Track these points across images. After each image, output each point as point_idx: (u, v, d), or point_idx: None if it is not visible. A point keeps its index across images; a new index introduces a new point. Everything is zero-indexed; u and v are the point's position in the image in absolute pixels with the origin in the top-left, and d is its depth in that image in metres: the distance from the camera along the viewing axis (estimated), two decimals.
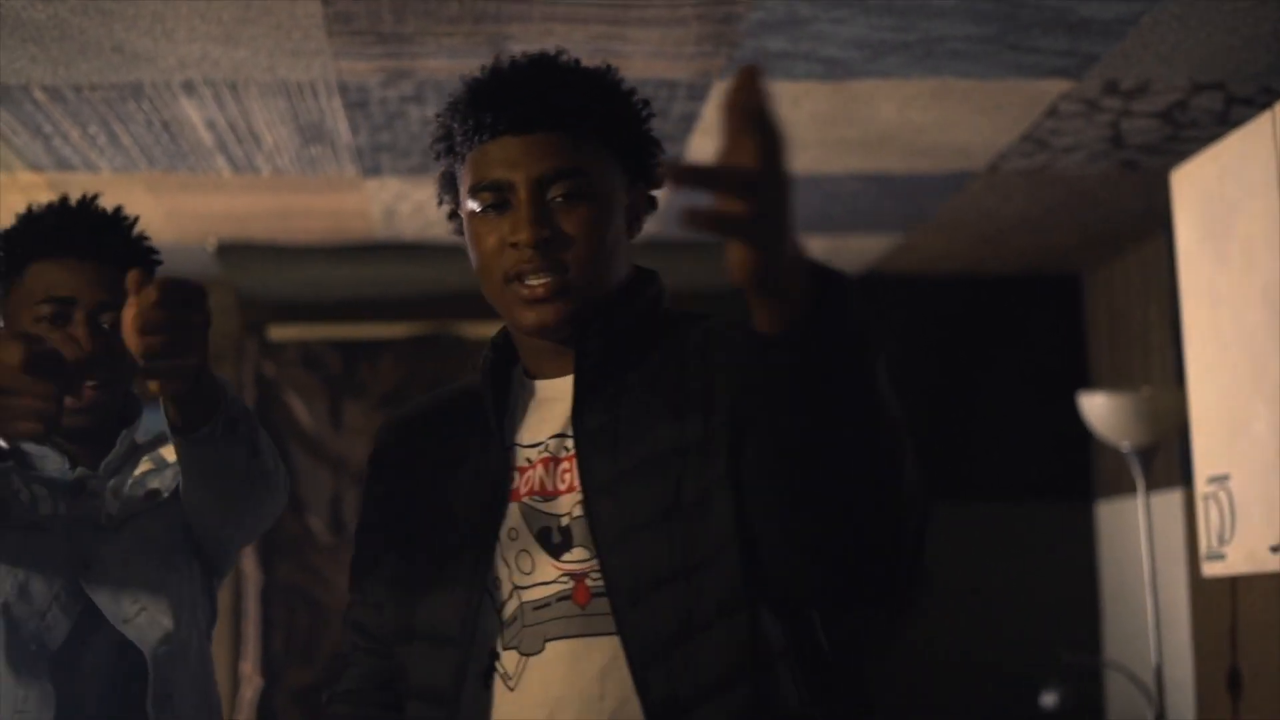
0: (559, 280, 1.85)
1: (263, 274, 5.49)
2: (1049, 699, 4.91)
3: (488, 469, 1.91)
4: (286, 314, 5.77)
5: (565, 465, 1.89)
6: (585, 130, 1.87)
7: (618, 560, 1.79)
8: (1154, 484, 5.02)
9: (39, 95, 3.73)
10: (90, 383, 2.38)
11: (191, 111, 3.89)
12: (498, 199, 1.86)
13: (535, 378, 1.96)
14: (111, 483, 2.43)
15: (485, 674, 1.87)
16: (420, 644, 1.92)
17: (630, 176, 1.94)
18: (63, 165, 4.32)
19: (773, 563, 1.72)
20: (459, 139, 1.90)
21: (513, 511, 1.88)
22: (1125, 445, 4.81)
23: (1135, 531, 5.17)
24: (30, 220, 2.47)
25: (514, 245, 1.85)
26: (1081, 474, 5.87)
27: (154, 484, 2.47)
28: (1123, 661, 5.35)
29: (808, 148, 4.26)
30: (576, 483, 1.86)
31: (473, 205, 1.89)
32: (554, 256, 1.85)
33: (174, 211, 4.80)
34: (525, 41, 3.46)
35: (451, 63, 3.55)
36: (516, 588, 1.87)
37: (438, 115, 1.97)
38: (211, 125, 4.00)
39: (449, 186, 1.97)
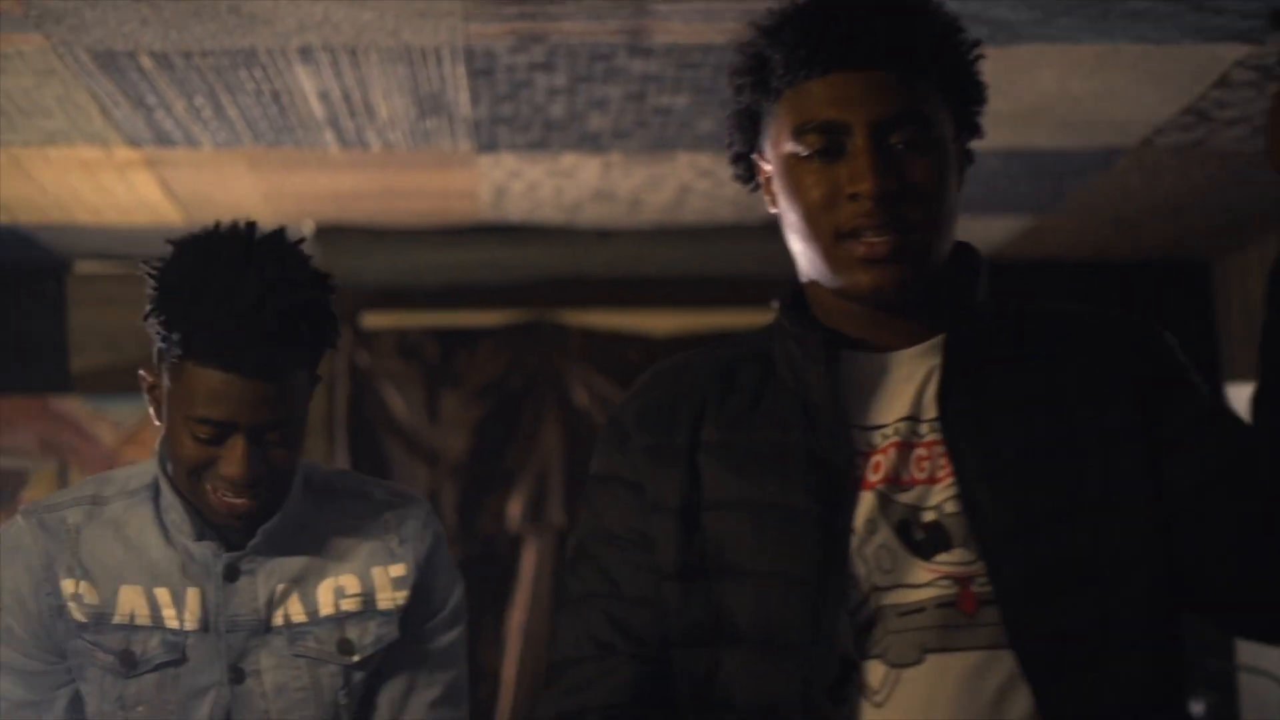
0: (901, 239, 1.67)
1: (360, 258, 5.28)
2: (1197, 708, 4.65)
3: (823, 451, 1.70)
4: (382, 301, 5.56)
5: (921, 452, 1.70)
6: (924, 69, 1.69)
7: (1010, 564, 1.63)
8: None
9: (145, 62, 3.50)
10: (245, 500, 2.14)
11: (305, 81, 3.65)
12: (830, 143, 1.68)
13: (856, 349, 1.75)
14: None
15: (837, 687, 1.65)
16: (741, 649, 1.69)
17: (957, 125, 1.74)
18: (163, 140, 4.09)
19: (1225, 591, 1.66)
20: (779, 72, 1.70)
21: (866, 501, 1.69)
22: None
23: None
24: (194, 309, 2.05)
25: (853, 197, 1.67)
26: None
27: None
28: (1257, 664, 5.09)
29: None
30: (941, 474, 1.68)
31: (796, 149, 1.70)
32: (898, 212, 1.67)
33: (273, 190, 4.58)
34: (673, 2, 3.23)
35: (590, 25, 3.31)
36: (876, 588, 1.67)
37: (745, 44, 1.76)
38: (324, 96, 3.76)
39: (746, 126, 1.78)
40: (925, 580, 1.67)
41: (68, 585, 2.16)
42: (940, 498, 1.68)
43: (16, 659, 2.17)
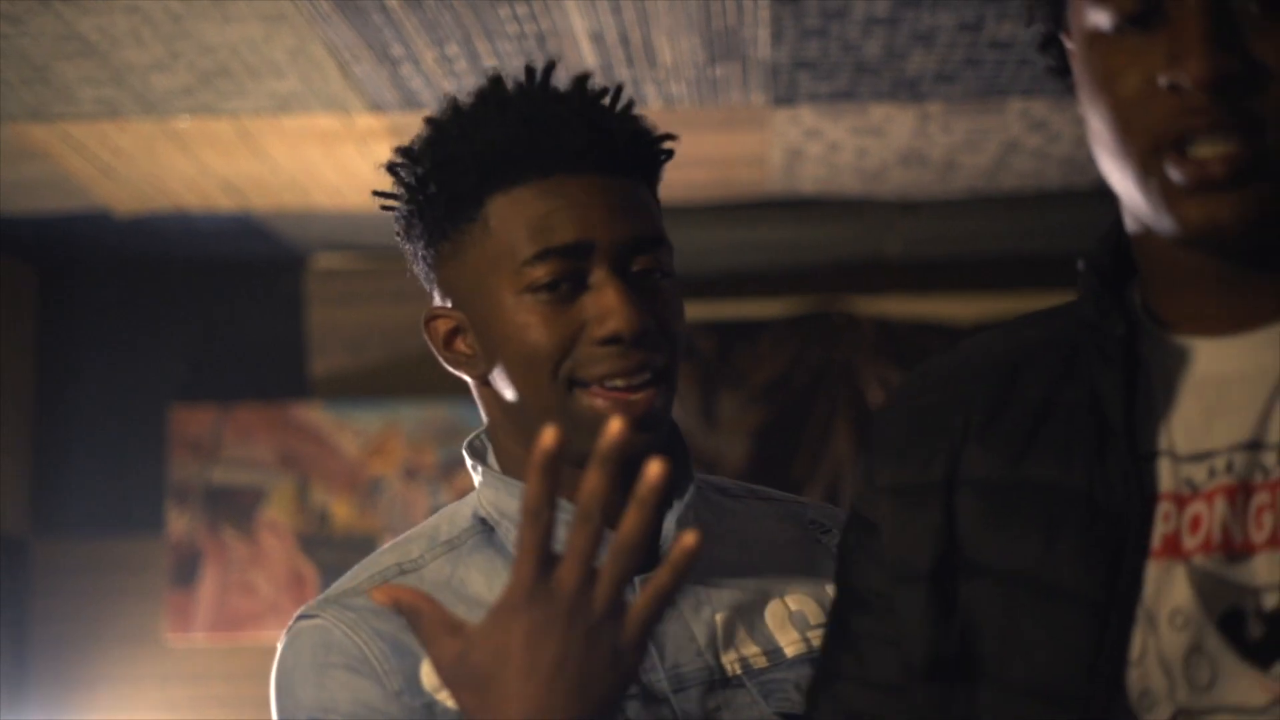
0: (1248, 149, 1.17)
1: None
2: None
3: (1106, 495, 1.23)
4: None
5: (1266, 499, 1.20)
6: None
7: None
8: None
9: (391, 2, 2.98)
10: (644, 377, 1.56)
11: (576, 19, 3.12)
12: (1147, 4, 1.18)
13: (1186, 333, 1.26)
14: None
15: None
16: None
17: None
18: (410, 102, 3.60)
19: None
20: None
21: (1169, 577, 1.21)
22: None
23: None
24: (478, 121, 1.57)
25: (1174, 87, 1.17)
26: None
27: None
28: None
29: None
30: None
31: (1098, 19, 1.21)
32: (1244, 106, 1.16)
33: None
34: None
35: None
36: (1182, 711, 1.19)
37: None
38: (598, 38, 3.23)
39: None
40: (1264, 703, 1.19)
41: (430, 674, 1.54)
42: None
43: None
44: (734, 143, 4.03)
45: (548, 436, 1.23)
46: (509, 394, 1.58)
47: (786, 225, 4.80)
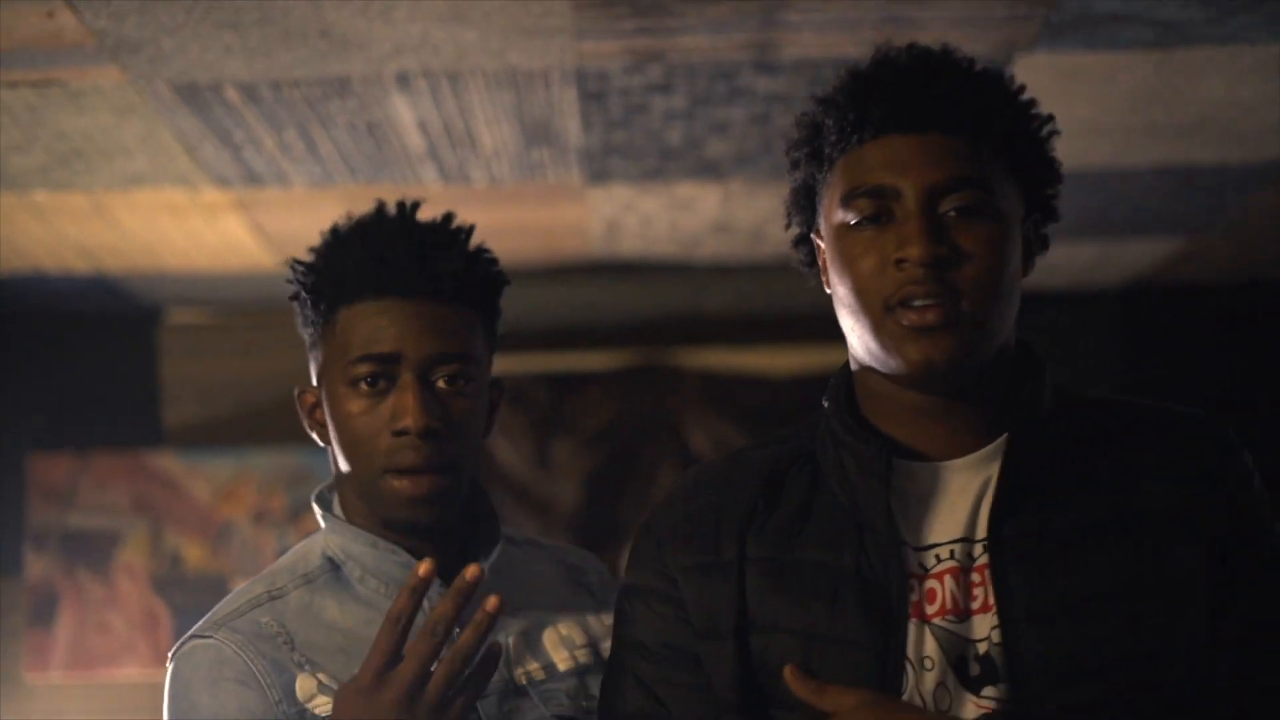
0: (952, 308, 1.59)
1: None
2: None
3: (876, 575, 1.63)
4: None
5: (976, 578, 1.63)
6: (986, 137, 1.64)
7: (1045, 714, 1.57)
8: None
9: (231, 95, 3.25)
10: (430, 465, 1.89)
11: (403, 110, 3.39)
12: (879, 208, 1.62)
13: (910, 457, 1.67)
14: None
15: None
16: None
17: (1027, 203, 1.69)
18: (252, 179, 3.85)
19: None
20: (832, 138, 1.66)
21: (921, 634, 1.62)
22: None
23: None
24: (341, 245, 1.95)
25: (900, 263, 1.60)
26: None
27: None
28: None
29: (1109, 136, 3.70)
30: (992, 601, 1.61)
31: (845, 217, 1.64)
32: (948, 279, 1.59)
33: None
34: (804, 11, 2.95)
35: (713, 39, 3.03)
36: None
37: (800, 117, 1.73)
38: (424, 127, 3.50)
39: (803, 203, 1.73)
40: (972, 716, 1.62)
41: (305, 684, 1.86)
42: (988, 629, 1.61)
43: None
44: (556, 215, 4.30)
45: (424, 567, 1.68)
46: (342, 463, 1.94)
47: (612, 286, 5.01)
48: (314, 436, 2.00)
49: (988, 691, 1.60)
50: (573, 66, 3.15)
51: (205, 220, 4.19)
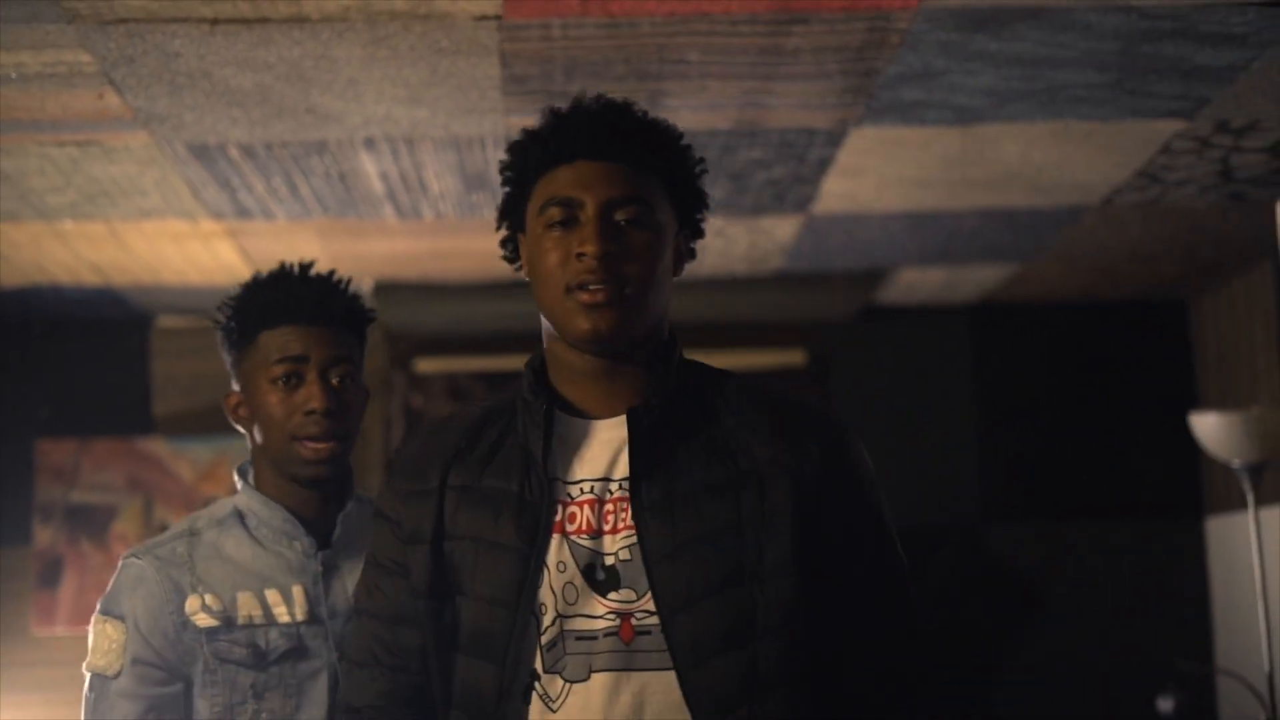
0: (618, 290, 1.99)
1: (414, 311, 5.79)
2: (1165, 704, 5.13)
3: (532, 499, 2.02)
4: (434, 348, 6.05)
5: (609, 508, 2.02)
6: (650, 167, 2.05)
7: (680, 625, 1.95)
8: (1263, 499, 5.24)
9: (233, 152, 4.07)
10: (328, 441, 2.60)
11: (368, 165, 4.21)
12: (567, 215, 2.02)
13: (574, 414, 2.07)
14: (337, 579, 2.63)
15: (525, 692, 2.00)
16: (464, 658, 2.03)
17: (680, 221, 2.11)
18: (243, 214, 4.65)
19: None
20: (534, 161, 2.08)
21: (559, 545, 2.01)
22: (1236, 462, 5.03)
23: (1245, 545, 5.40)
24: (258, 290, 2.68)
25: (580, 256, 1.99)
26: (1192, 491, 6.10)
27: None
28: (1235, 669, 5.56)
29: (934, 187, 4.53)
30: (621, 525, 1.99)
31: (541, 221, 2.05)
32: (616, 269, 1.99)
33: (338, 254, 5.13)
34: (682, 97, 3.75)
35: None
36: (560, 616, 1.99)
37: (513, 145, 2.16)
38: (384, 177, 4.32)
39: (511, 211, 2.15)
40: (600, 613, 1.99)
41: (193, 602, 2.57)
42: (617, 546, 2.00)
43: (131, 685, 2.55)
44: (492, 242, 4.99)
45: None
46: (260, 440, 2.67)
47: (525, 303, 5.65)
48: (237, 428, 2.72)
49: (614, 595, 1.98)
50: (502, 134, 3.99)
51: (202, 245, 4.97)
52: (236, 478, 2.73)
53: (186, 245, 4.98)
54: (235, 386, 2.72)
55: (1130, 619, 5.98)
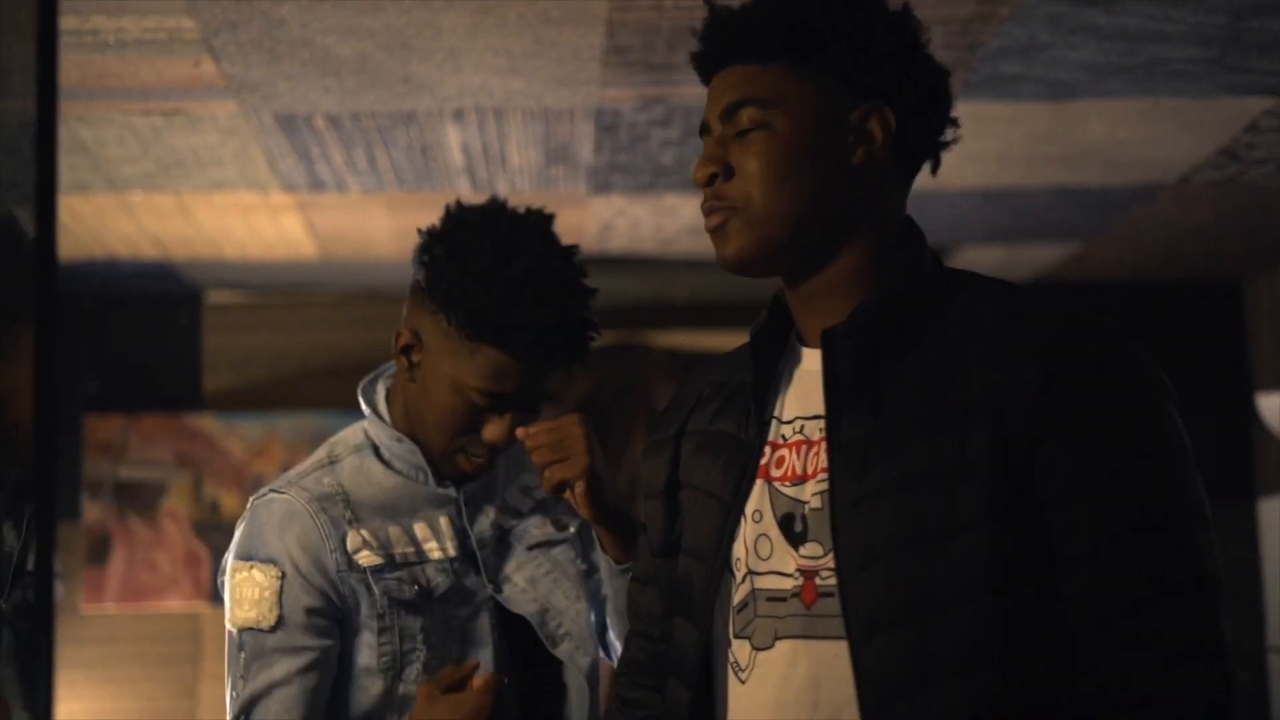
0: (727, 213, 1.71)
1: None
2: None
3: (744, 441, 1.77)
4: None
5: (814, 449, 1.71)
6: (766, 53, 1.71)
7: (855, 589, 1.63)
8: None
9: (319, 123, 4.04)
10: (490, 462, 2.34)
11: (452, 136, 4.19)
12: (704, 143, 1.78)
13: (804, 344, 1.77)
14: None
15: (723, 660, 1.76)
16: (675, 620, 1.83)
17: (854, 95, 1.71)
18: (316, 186, 4.63)
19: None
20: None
21: (759, 491, 1.74)
22: None
23: None
24: (511, 307, 2.21)
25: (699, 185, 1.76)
26: (1245, 473, 6.10)
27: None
28: None
29: (1013, 163, 4.52)
30: (820, 469, 1.69)
31: None
32: (725, 191, 1.71)
33: (405, 228, 5.11)
34: None
35: (704, 89, 3.82)
36: (752, 573, 1.73)
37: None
38: (466, 149, 4.30)
39: None
40: (790, 569, 1.69)
41: (354, 537, 2.25)
42: (812, 491, 1.70)
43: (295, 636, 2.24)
44: (562, 217, 5.00)
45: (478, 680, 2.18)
46: (421, 413, 2.28)
47: (598, 277, 5.63)
48: (399, 360, 2.31)
49: (804, 549, 1.68)
50: (594, 106, 3.96)
51: (268, 218, 4.95)
52: (363, 401, 2.39)
53: (253, 218, 4.96)
54: (419, 333, 2.31)
55: None
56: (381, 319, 3.90)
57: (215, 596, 5.65)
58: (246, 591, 2.25)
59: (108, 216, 4.89)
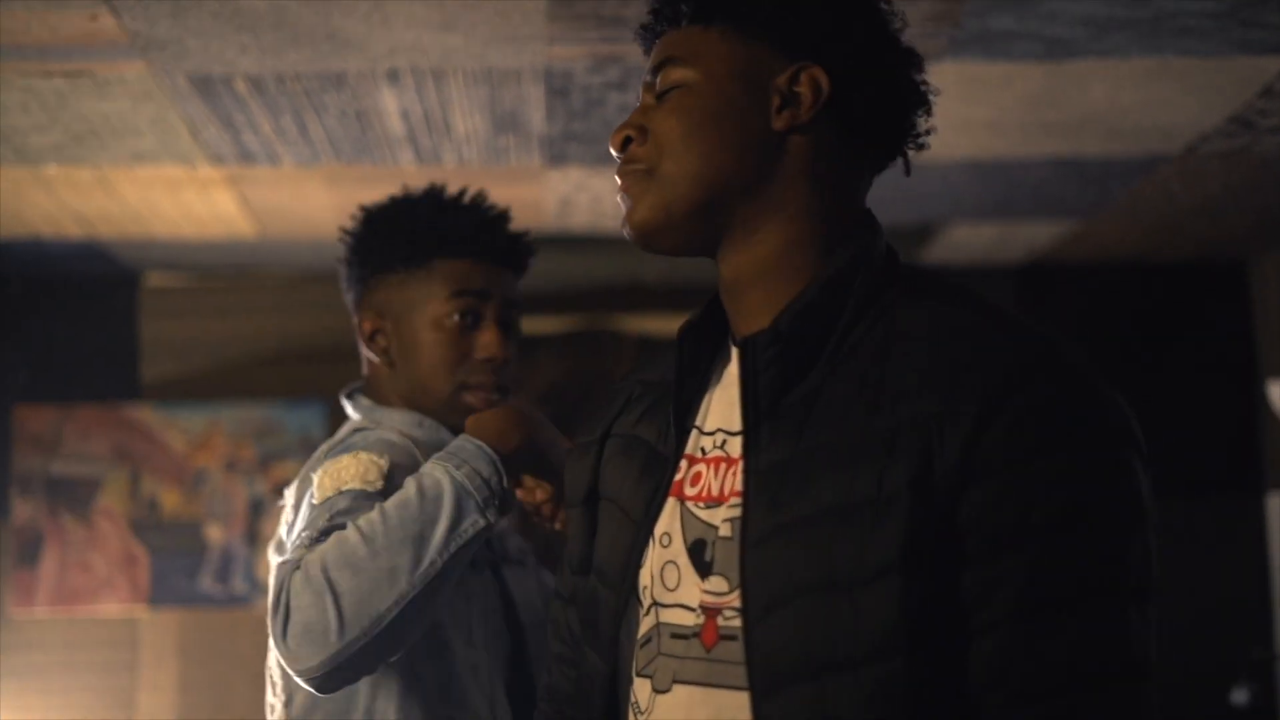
0: (635, 175, 1.58)
1: None
2: (1240, 696, 4.79)
3: (661, 452, 1.60)
4: None
5: (735, 469, 1.54)
6: (703, 18, 1.60)
7: (758, 635, 1.45)
8: None
9: (239, 86, 3.67)
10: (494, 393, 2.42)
11: (389, 101, 3.82)
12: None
13: (735, 343, 1.60)
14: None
15: (626, 698, 1.59)
16: (585, 648, 1.68)
17: (787, 55, 1.57)
18: (246, 158, 4.26)
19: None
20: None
21: (670, 511, 1.57)
22: None
23: None
24: (437, 211, 2.47)
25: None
26: (1252, 466, 5.74)
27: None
28: None
29: (1007, 131, 4.17)
30: (733, 491, 1.52)
31: None
32: (634, 153, 1.58)
33: (347, 204, 4.69)
34: None
35: None
36: (657, 604, 1.56)
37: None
38: (405, 115, 3.93)
39: None
40: (695, 603, 1.53)
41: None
42: (723, 517, 1.52)
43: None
44: (516, 193, 4.69)
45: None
46: (411, 380, 2.41)
47: (561, 258, 5.36)
48: (369, 355, 2.46)
49: (708, 583, 1.52)
50: (542, 66, 3.60)
51: (198, 193, 4.58)
52: (360, 413, 2.45)
53: (181, 194, 4.59)
54: (368, 311, 2.48)
55: (1184, 600, 5.62)
56: (329, 302, 3.74)
57: (153, 600, 5.47)
58: (349, 466, 2.19)
59: (24, 192, 4.52)
